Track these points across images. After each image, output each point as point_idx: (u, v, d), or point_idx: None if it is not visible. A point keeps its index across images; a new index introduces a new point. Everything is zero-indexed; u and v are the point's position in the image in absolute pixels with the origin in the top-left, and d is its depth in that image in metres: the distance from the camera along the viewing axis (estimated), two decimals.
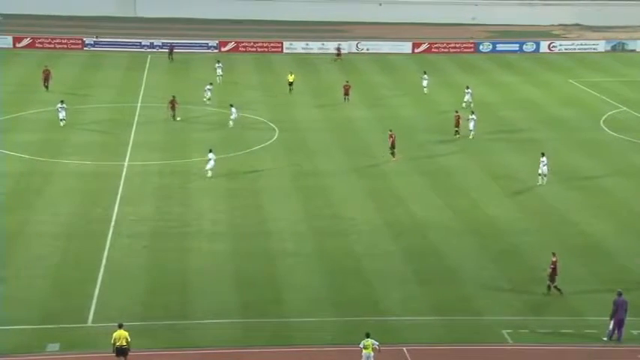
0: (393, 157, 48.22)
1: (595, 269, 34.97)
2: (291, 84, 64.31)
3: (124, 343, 27.05)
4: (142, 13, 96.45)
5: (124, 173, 45.88)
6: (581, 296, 32.59)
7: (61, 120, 54.13)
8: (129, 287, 32.91)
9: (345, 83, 62.15)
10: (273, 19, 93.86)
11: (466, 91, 60.65)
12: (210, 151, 45.69)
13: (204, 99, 60.65)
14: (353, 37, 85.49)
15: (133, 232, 38.19)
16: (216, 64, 68.23)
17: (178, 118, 56.16)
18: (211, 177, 44.71)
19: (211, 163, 45.06)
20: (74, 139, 52.04)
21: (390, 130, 49.34)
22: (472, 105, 58.98)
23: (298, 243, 37.29)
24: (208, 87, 61.51)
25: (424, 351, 28.81)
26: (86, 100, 61.97)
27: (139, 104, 60.81)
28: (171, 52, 76.59)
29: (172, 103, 56.42)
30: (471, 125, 52.89)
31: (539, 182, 44.53)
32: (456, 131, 52.97)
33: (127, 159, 48.42)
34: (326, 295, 32.47)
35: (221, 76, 67.23)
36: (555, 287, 32.46)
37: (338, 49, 79.31)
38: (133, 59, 76.74)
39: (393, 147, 48.21)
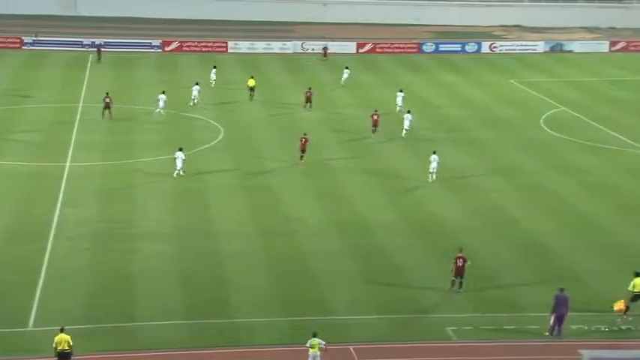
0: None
1: (536, 266, 35.64)
2: (252, 89, 61.99)
3: (66, 347, 26.63)
4: (83, 11, 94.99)
5: (65, 174, 45.13)
6: (523, 293, 33.17)
7: None
8: (71, 290, 32.39)
9: (307, 90, 60.52)
10: (217, 19, 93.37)
11: (398, 94, 60.60)
12: (180, 149, 45.10)
13: (191, 100, 59.52)
14: (298, 37, 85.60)
15: (75, 234, 37.59)
16: (212, 70, 66.58)
17: (109, 117, 55.37)
18: (177, 176, 44.42)
19: (179, 163, 44.56)
20: (13, 139, 50.97)
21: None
22: (403, 107, 59.01)
23: (244, 243, 37.18)
24: (195, 87, 60.12)
25: (370, 350, 29.00)
26: (26, 100, 60.79)
27: (80, 104, 59.90)
28: (99, 52, 74.99)
29: (107, 102, 55.77)
30: (406, 124, 53.32)
31: (430, 179, 45.09)
32: (373, 130, 53.43)
33: (68, 160, 47.64)
34: (273, 295, 32.45)
35: (214, 80, 65.64)
36: (455, 282, 32.63)
37: (324, 48, 79.54)
38: (74, 58, 75.57)
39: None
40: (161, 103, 56.89)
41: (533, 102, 65.52)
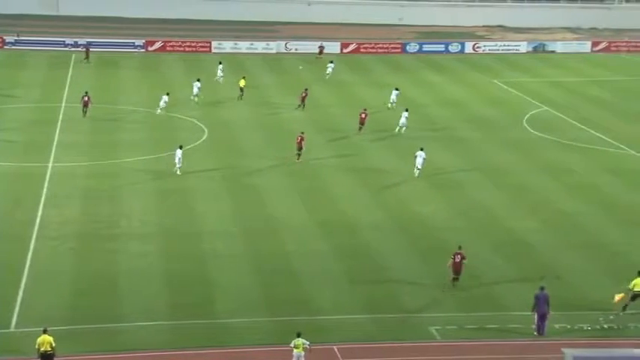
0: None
1: (520, 265, 35.82)
2: (242, 89, 62.04)
3: (49, 349, 26.48)
4: (64, 11, 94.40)
5: (48, 174, 44.89)
6: (507, 292, 33.34)
7: None
8: (54, 290, 32.22)
9: (304, 91, 60.72)
10: (201, 19, 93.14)
11: (394, 91, 61.25)
12: (180, 147, 45.21)
13: (192, 97, 59.85)
14: (282, 37, 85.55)
15: (58, 234, 37.41)
16: (219, 65, 67.26)
17: (88, 115, 55.33)
18: (180, 174, 44.58)
19: (178, 160, 44.69)
20: None
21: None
22: (394, 105, 59.87)
23: (229, 243, 37.13)
24: (196, 84, 60.48)
25: (354, 349, 29.05)
26: (8, 99, 60.39)
27: (63, 104, 59.59)
28: (87, 52, 74.41)
29: (85, 100, 55.62)
30: (402, 121, 53.99)
31: (416, 174, 45.82)
32: (360, 128, 54.06)
33: (51, 160, 47.39)
34: (257, 296, 32.43)
35: (222, 77, 66.24)
36: (455, 279, 33.04)
37: (320, 47, 79.85)
38: (56, 58, 75.14)
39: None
40: (162, 104, 57.02)
41: (516, 102, 65.84)
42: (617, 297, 31.24)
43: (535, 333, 30.08)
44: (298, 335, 27.29)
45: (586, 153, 52.30)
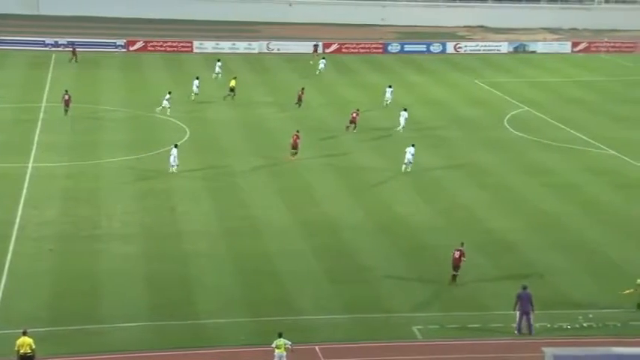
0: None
1: (501, 264, 35.97)
2: (232, 89, 61.84)
3: (29, 351, 26.31)
4: (45, 11, 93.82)
5: (28, 175, 44.58)
6: (488, 291, 33.46)
7: None
8: (34, 292, 31.99)
9: (300, 90, 61.02)
10: (183, 19, 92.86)
11: (387, 89, 62.15)
12: (176, 146, 45.27)
13: (192, 94, 60.12)
14: (263, 37, 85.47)
15: (38, 235, 37.15)
16: (217, 62, 67.86)
17: (70, 113, 55.22)
18: (175, 173, 44.88)
19: (173, 159, 44.70)
20: None
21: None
22: (389, 103, 61.02)
23: (210, 243, 37.04)
24: (195, 82, 60.94)
25: (336, 349, 29.06)
26: None
27: (43, 104, 59.22)
28: (74, 52, 74.08)
29: (65, 99, 55.38)
30: (402, 121, 54.84)
31: (403, 170, 46.60)
32: (347, 127, 54.59)
33: (31, 160, 47.07)
34: (239, 296, 32.37)
35: (219, 74, 66.72)
36: (454, 275, 33.51)
37: (315, 46, 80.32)
38: (36, 58, 74.65)
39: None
40: (165, 102, 57.07)
41: (497, 102, 66.14)
42: (627, 291, 31.81)
43: (516, 332, 30.22)
44: (280, 335, 27.26)
45: (566, 153, 52.62)
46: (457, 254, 33.50)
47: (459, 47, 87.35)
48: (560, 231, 39.94)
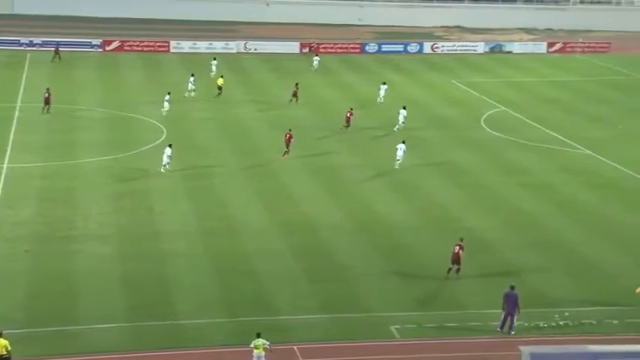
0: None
1: (478, 263, 36.11)
2: (220, 88, 62.44)
3: (4, 352, 26.10)
4: (19, 10, 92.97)
5: (3, 175, 44.17)
6: (465, 290, 33.62)
7: None
8: (9, 293, 31.71)
9: (295, 86, 61.56)
10: (159, 18, 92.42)
11: (381, 86, 63.12)
12: (170, 145, 45.33)
13: (187, 92, 60.65)
14: (241, 37, 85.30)
15: (13, 235, 36.82)
16: (212, 61, 68.74)
17: (47, 111, 55.13)
18: (167, 171, 44.85)
19: (166, 158, 44.75)
20: None
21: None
22: (382, 100, 62.14)
23: (188, 244, 36.90)
24: (191, 79, 61.53)
25: (315, 349, 29.06)
26: None
27: (18, 104, 58.69)
28: (57, 51, 73.43)
29: (46, 97, 55.02)
30: (401, 119, 55.53)
31: (396, 166, 47.33)
32: (345, 126, 55.04)
33: (6, 160, 46.63)
34: (217, 296, 32.29)
35: (214, 72, 67.27)
36: (451, 269, 33.86)
37: (310, 45, 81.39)
38: (11, 57, 73.97)
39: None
40: (165, 104, 57.00)
41: (473, 102, 66.47)
42: (638, 289, 31.93)
43: (498, 329, 30.37)
44: (258, 335, 27.22)
45: (543, 152, 52.99)
46: (457, 249, 33.84)
47: (436, 47, 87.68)
48: (536, 230, 40.21)
